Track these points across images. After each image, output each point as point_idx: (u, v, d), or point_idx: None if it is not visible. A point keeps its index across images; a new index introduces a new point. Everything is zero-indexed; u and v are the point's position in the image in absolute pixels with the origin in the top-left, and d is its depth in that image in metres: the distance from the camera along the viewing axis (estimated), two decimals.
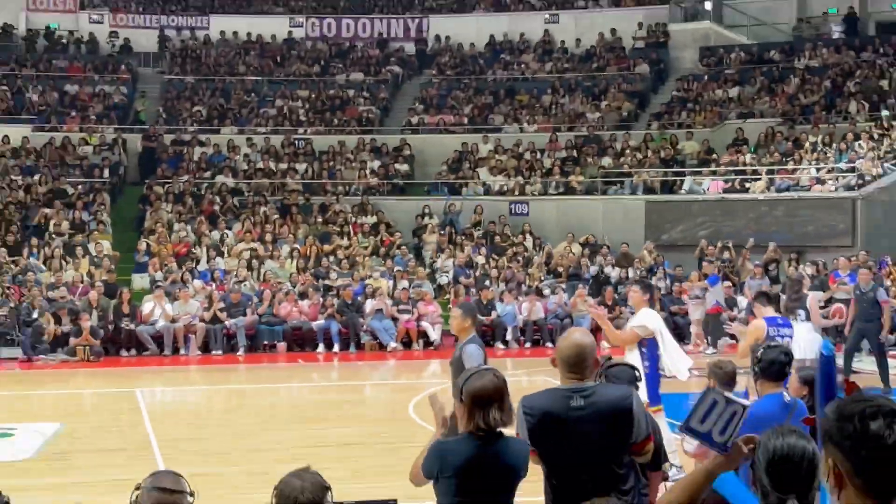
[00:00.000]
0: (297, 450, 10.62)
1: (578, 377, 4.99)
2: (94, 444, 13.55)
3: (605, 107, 34.31)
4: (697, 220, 29.02)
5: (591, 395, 4.96)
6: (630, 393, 5.36)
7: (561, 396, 4.98)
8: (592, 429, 4.89)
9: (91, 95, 34.57)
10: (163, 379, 20.48)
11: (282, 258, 27.30)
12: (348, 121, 34.75)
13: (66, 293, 23.89)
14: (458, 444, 5.11)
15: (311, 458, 5.41)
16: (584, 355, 5.04)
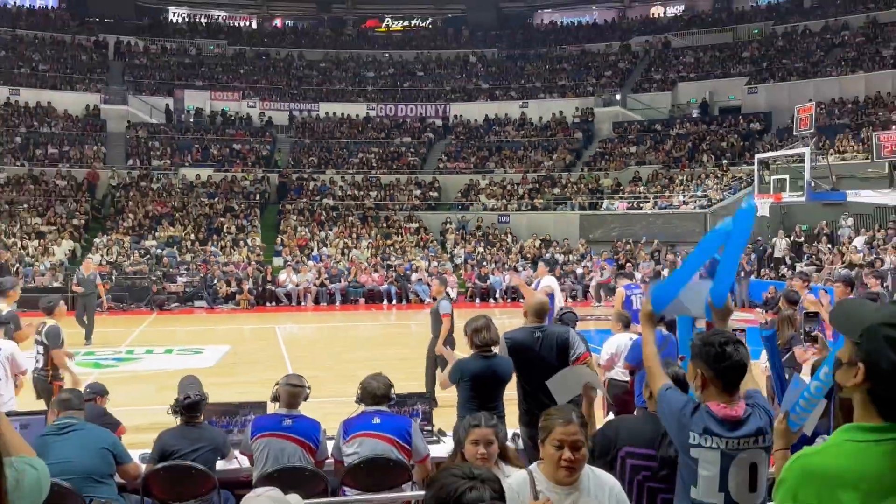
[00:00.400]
0: (371, 362, 10.77)
1: (539, 321, 5.18)
2: (249, 358, 13.81)
3: (555, 157, 34.27)
4: (611, 226, 29.10)
5: (545, 331, 5.20)
6: (567, 330, 5.58)
7: (529, 331, 5.21)
8: (547, 352, 5.12)
9: (248, 150, 34.71)
10: (291, 320, 20.68)
11: (362, 248, 27.49)
12: (401, 166, 34.81)
13: (234, 268, 24.19)
14: (469, 360, 5.36)
15: (380, 368, 5.59)
16: (544, 308, 5.25)
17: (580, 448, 2.92)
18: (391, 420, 5.08)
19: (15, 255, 23.82)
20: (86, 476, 4.42)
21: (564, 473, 2.88)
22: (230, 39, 42.41)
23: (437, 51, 42.92)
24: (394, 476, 4.95)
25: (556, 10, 45.00)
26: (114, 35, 39.80)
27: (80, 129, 33.90)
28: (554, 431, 2.93)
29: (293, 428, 5.00)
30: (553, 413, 3.05)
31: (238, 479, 5.36)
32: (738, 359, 2.90)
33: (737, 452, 2.85)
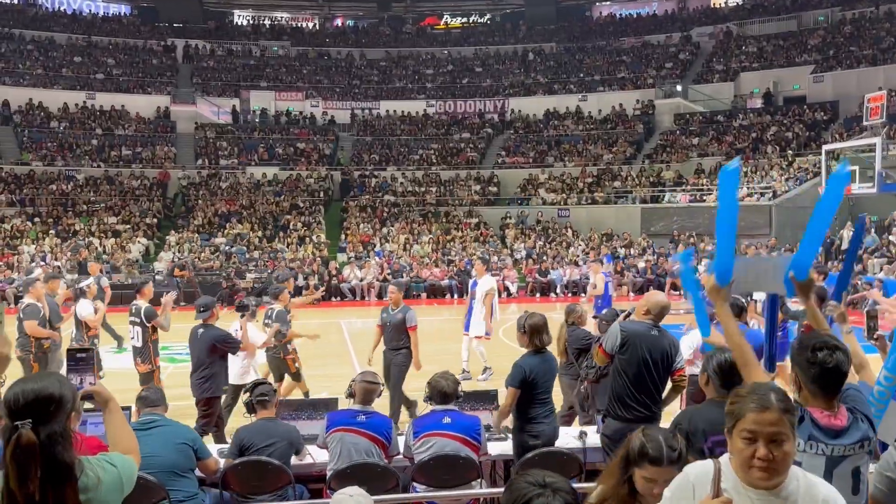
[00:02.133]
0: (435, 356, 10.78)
1: (655, 319, 5.04)
2: (317, 351, 13.95)
3: (615, 150, 33.82)
4: (673, 219, 28.55)
5: (660, 332, 5.03)
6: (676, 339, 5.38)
7: (646, 327, 5.04)
8: (658, 354, 4.99)
9: (312, 149, 35.17)
10: (355, 314, 20.86)
11: (423, 243, 27.60)
12: (461, 162, 34.82)
13: (300, 264, 24.55)
14: (529, 360, 5.34)
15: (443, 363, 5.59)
16: (666, 309, 5.11)
17: (782, 443, 2.20)
18: (461, 419, 5.12)
19: (93, 253, 24.66)
20: (169, 470, 4.56)
21: (759, 475, 2.20)
22: (293, 40, 43.00)
23: (495, 46, 42.73)
24: (464, 473, 4.99)
25: (614, 3, 44.36)
26: (182, 39, 40.78)
27: (152, 131, 34.85)
28: (744, 419, 2.23)
29: (367, 424, 5.09)
30: (744, 394, 2.32)
31: (311, 473, 5.47)
32: (832, 365, 2.76)
33: (842, 459, 2.77)
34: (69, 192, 29.62)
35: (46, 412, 2.21)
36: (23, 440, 2.15)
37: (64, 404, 2.26)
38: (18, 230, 26.34)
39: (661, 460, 2.57)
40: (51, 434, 2.20)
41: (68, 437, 2.25)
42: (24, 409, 2.21)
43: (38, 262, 23.33)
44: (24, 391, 2.24)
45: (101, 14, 41.81)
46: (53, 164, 31.07)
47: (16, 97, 33.66)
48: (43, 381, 2.31)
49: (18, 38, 37.30)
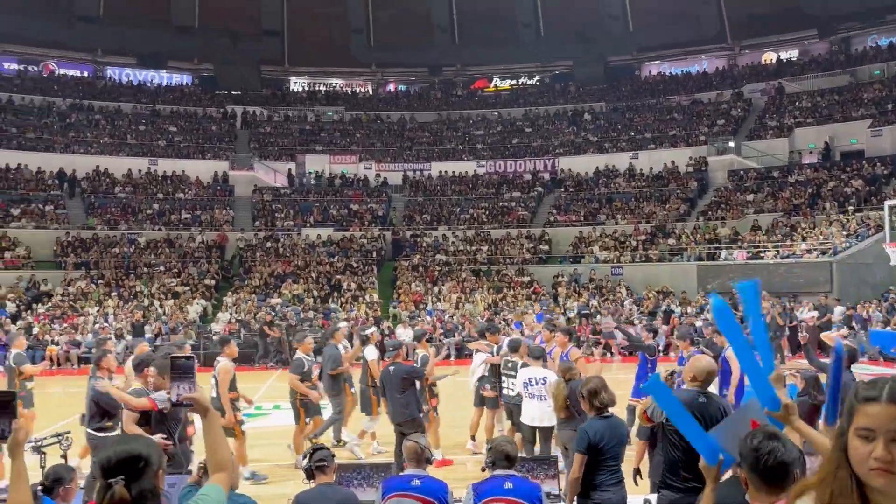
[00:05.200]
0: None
1: (702, 386, 4.91)
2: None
3: (668, 207, 33.53)
4: (730, 276, 27.97)
5: (710, 398, 4.89)
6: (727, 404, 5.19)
7: (693, 394, 4.88)
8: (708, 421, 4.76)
9: (365, 210, 35.70)
10: None
11: (475, 302, 27.55)
12: (511, 221, 34.89)
13: (354, 322, 24.66)
14: (593, 424, 5.22)
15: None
16: (713, 374, 4.98)
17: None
18: (523, 484, 4.99)
19: (153, 314, 25.23)
20: None
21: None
22: (347, 105, 44.14)
23: (545, 106, 43.16)
24: None
25: (663, 62, 44.54)
26: (241, 106, 42.18)
27: (211, 195, 35.85)
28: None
29: (421, 488, 5.00)
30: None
31: None
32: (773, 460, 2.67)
33: None
34: (131, 255, 30.50)
35: (136, 470, 2.38)
36: (116, 496, 2.33)
37: (152, 464, 2.42)
38: (83, 292, 27.15)
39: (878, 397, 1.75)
40: (141, 491, 2.37)
41: (157, 494, 2.43)
42: (116, 467, 2.37)
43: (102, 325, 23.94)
44: (115, 452, 2.42)
45: (165, 84, 43.60)
46: (116, 228, 32.10)
47: (83, 164, 35.07)
48: (132, 443, 2.53)
49: (88, 109, 39.04)
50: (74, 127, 37.50)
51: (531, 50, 43.71)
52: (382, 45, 44.38)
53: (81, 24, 39.99)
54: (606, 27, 42.33)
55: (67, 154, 35.37)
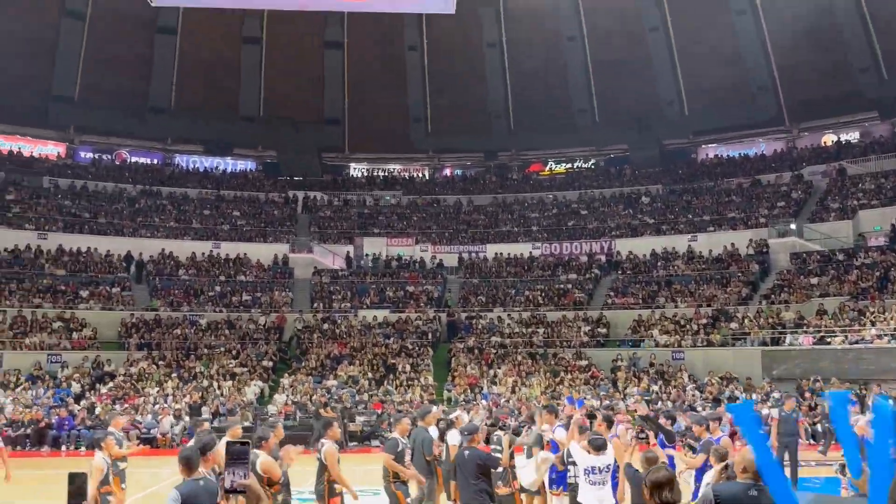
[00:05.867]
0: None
1: (753, 478, 4.78)
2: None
3: (729, 291, 32.89)
4: (796, 362, 27.09)
5: (760, 490, 4.74)
6: None
7: (743, 488, 4.78)
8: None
9: (421, 292, 35.93)
10: None
11: (532, 386, 27.14)
12: (568, 303, 34.61)
13: (408, 407, 24.46)
14: None
15: None
16: None
17: None
18: None
19: (212, 395, 25.49)
20: None
21: None
22: (404, 189, 45.03)
23: (600, 189, 43.30)
24: None
25: (720, 144, 44.46)
26: (302, 191, 43.43)
27: (271, 277, 36.58)
28: None
29: None
30: None
31: None
32: None
33: None
34: (192, 337, 31.11)
35: None
36: None
37: None
38: (145, 373, 27.68)
39: None
40: None
41: None
42: None
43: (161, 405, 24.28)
44: None
45: (230, 170, 45.25)
46: (179, 310, 32.88)
47: (150, 248, 36.33)
48: None
49: (156, 194, 40.67)
50: (143, 212, 39.02)
51: (586, 134, 44.20)
52: (439, 131, 45.49)
53: (153, 115, 42.13)
54: (661, 111, 42.67)
55: (135, 238, 36.75)
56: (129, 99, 41.78)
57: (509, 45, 43.64)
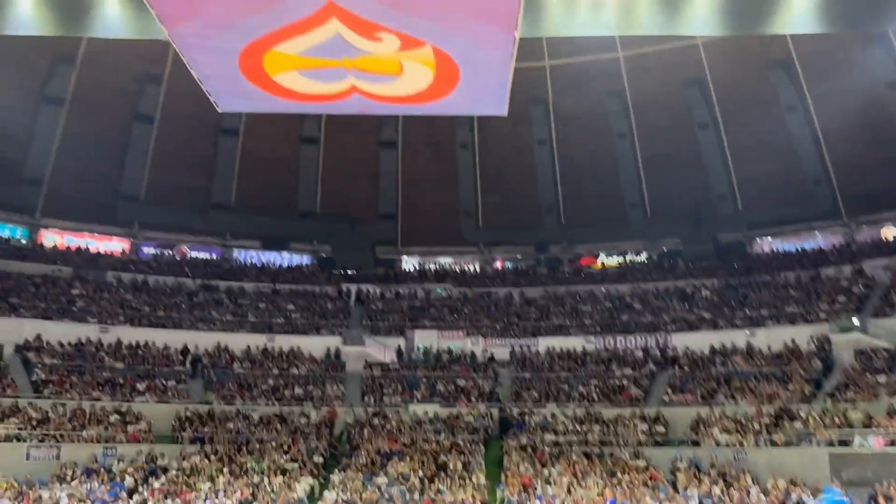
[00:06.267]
0: None
1: None
2: None
3: (791, 388, 31.79)
4: (867, 464, 25.78)
5: None
6: None
7: None
8: None
9: (472, 386, 35.58)
10: None
11: (587, 486, 26.30)
12: (624, 400, 33.83)
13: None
14: None
15: None
16: None
17: None
18: None
19: (263, 492, 25.29)
20: None
21: None
22: (455, 282, 45.30)
23: (653, 283, 42.89)
24: None
25: (775, 238, 43.89)
26: (355, 284, 44.05)
27: (323, 370, 36.74)
28: None
29: None
30: None
31: None
32: None
33: None
34: (244, 431, 31.15)
35: None
36: None
37: None
38: (198, 467, 27.69)
39: None
40: None
41: None
42: None
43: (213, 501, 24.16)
44: None
45: (286, 265, 46.26)
46: (232, 404, 33.10)
47: (206, 341, 36.99)
48: None
49: (214, 288, 41.66)
50: (200, 305, 39.92)
51: (638, 228, 44.22)
52: (490, 225, 46.09)
53: (215, 211, 43.80)
54: (714, 205, 42.60)
55: (192, 331, 37.49)
56: (192, 196, 43.57)
57: (559, 142, 44.44)
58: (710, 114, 41.78)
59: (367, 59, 15.12)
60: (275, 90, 16.61)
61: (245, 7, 13.21)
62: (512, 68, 15.21)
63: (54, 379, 32.30)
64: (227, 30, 14.00)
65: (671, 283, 42.33)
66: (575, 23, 20.47)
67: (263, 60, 15.22)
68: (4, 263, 38.18)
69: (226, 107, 18.34)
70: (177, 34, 14.28)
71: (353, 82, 16.20)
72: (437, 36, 14.10)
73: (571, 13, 20.21)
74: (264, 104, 18.32)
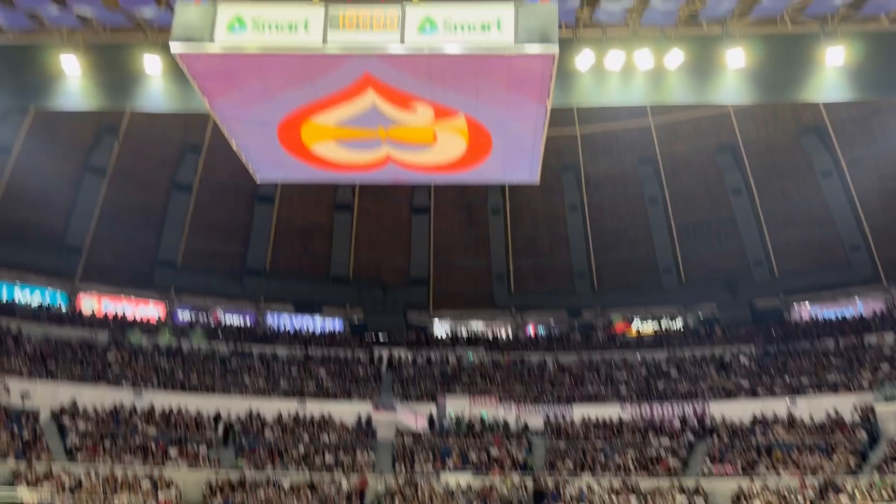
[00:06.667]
0: None
1: None
2: None
3: (835, 460, 30.79)
4: None
5: None
6: None
7: None
8: None
9: (505, 455, 34.97)
10: None
11: None
12: (661, 470, 32.96)
13: None
14: None
15: None
16: None
17: None
18: None
19: None
20: None
21: None
22: (487, 348, 45.03)
23: (690, 349, 42.24)
24: None
25: (814, 304, 43.12)
26: (387, 349, 44.02)
27: (354, 437, 36.42)
28: None
29: None
30: None
31: None
32: None
33: None
34: (275, 499, 30.81)
35: None
36: None
37: None
38: None
39: None
40: None
41: None
42: None
43: None
44: None
45: (319, 331, 46.44)
46: (263, 470, 32.85)
47: (238, 406, 37.00)
48: None
49: (247, 354, 41.88)
50: (233, 371, 40.07)
51: (672, 293, 43.84)
52: (522, 290, 45.98)
53: (249, 276, 44.39)
54: (750, 270, 42.17)
55: (225, 396, 37.56)
56: (228, 262, 44.30)
57: (591, 207, 44.58)
58: (744, 179, 41.70)
59: (402, 129, 15.44)
60: (312, 160, 16.98)
61: (284, 81, 13.64)
62: (544, 137, 15.42)
63: (88, 444, 32.44)
64: (266, 103, 14.43)
65: (708, 350, 41.67)
66: (605, 92, 20.76)
67: (301, 131, 15.62)
68: (44, 328, 38.95)
69: (263, 176, 18.76)
70: (218, 107, 14.74)
71: (387, 151, 16.53)
72: (470, 106, 14.40)
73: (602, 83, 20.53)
74: (301, 173, 18.68)
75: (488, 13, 11.99)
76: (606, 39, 19.99)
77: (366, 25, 12.22)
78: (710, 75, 20.28)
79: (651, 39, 20.05)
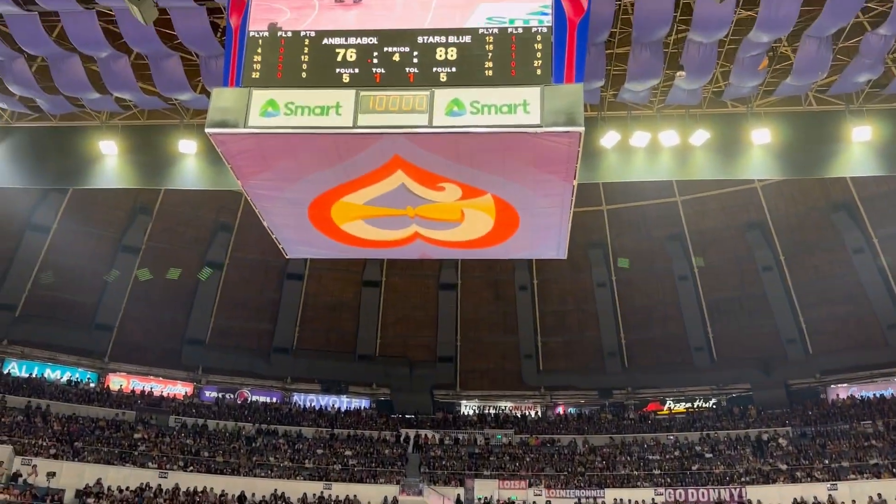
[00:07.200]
0: None
1: None
2: None
3: None
4: None
5: None
6: None
7: None
8: None
9: None
10: None
11: None
12: None
13: None
14: None
15: None
16: None
17: None
18: None
19: None
20: None
21: None
22: (516, 428, 44.24)
23: (724, 430, 41.17)
24: None
25: (851, 385, 42.00)
26: (413, 429, 43.41)
27: None
28: None
29: None
30: None
31: None
32: None
33: None
34: None
35: None
36: None
37: None
38: None
39: None
40: None
41: None
42: None
43: None
44: None
45: (345, 409, 46.07)
46: None
47: (263, 488, 36.49)
48: None
49: (273, 433, 41.54)
50: (258, 451, 39.69)
51: (705, 373, 43.00)
52: (551, 368, 45.43)
53: (276, 355, 44.43)
54: (783, 349, 41.32)
55: (250, 477, 37.11)
56: (256, 340, 44.45)
57: (619, 284, 44.30)
58: (774, 256, 41.33)
59: (430, 207, 15.69)
60: (341, 238, 17.25)
61: (315, 163, 14.00)
62: (570, 214, 15.55)
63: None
64: (297, 183, 14.79)
65: (742, 431, 40.58)
66: (631, 168, 20.99)
67: (331, 211, 15.93)
68: (72, 407, 39.13)
69: (293, 253, 19.04)
70: (250, 187, 15.12)
71: (416, 229, 16.75)
72: (497, 185, 14.63)
73: (628, 160, 20.78)
74: (330, 251, 18.96)
75: (515, 95, 12.31)
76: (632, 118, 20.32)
77: (395, 108, 12.59)
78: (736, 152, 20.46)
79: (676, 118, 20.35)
